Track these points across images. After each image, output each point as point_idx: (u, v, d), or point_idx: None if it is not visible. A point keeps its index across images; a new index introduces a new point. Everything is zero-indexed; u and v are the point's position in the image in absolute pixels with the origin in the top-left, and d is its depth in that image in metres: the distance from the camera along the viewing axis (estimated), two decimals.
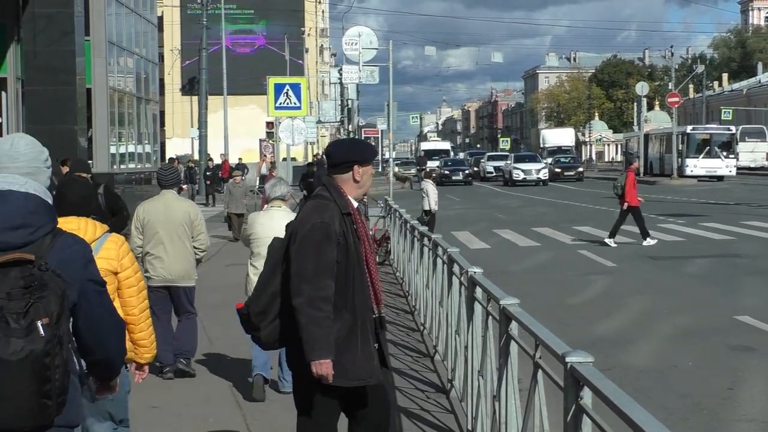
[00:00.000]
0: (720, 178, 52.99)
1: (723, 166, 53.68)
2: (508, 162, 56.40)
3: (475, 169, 64.37)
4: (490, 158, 68.60)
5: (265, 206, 8.49)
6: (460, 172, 57.71)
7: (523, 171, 53.14)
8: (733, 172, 54.10)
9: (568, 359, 3.60)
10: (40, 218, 3.25)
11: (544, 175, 53.43)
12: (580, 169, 61.00)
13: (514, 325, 5.14)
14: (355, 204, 4.82)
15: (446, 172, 56.89)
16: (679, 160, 53.81)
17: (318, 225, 4.64)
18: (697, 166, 53.63)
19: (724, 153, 54.10)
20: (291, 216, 6.96)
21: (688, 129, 57.02)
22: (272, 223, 7.72)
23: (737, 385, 8.62)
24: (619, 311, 12.48)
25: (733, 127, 57.83)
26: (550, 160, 62.13)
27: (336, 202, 4.72)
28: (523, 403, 4.79)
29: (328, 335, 4.56)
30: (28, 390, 3.03)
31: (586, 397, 3.49)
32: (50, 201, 3.36)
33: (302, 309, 4.56)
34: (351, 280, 4.68)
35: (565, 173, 58.65)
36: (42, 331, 3.03)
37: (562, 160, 62.17)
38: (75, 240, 3.38)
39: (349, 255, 4.68)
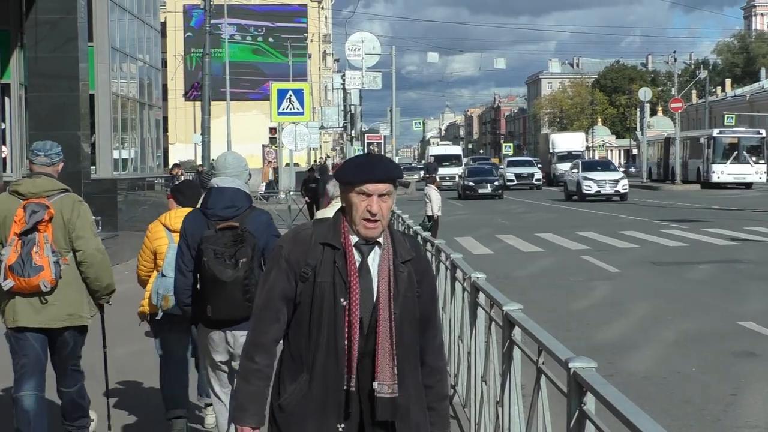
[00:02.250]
0: (749, 185, 49.75)
1: (752, 172, 49.88)
2: (575, 170, 43.68)
3: None
4: (511, 164, 62.57)
5: (329, 204, 8.87)
6: (488, 184, 46.57)
7: (596, 182, 41.24)
8: (764, 178, 50.06)
9: (571, 365, 3.59)
10: (241, 201, 5.52)
11: (623, 187, 41.11)
12: None
13: (517, 331, 5.13)
14: (353, 239, 3.56)
15: (470, 183, 46.74)
16: (705, 165, 50.98)
17: (276, 248, 3.68)
18: (725, 172, 49.90)
19: (754, 158, 50.30)
20: None
21: (715, 132, 53.17)
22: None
23: (740, 391, 8.60)
24: (622, 317, 12.46)
25: (763, 131, 53.48)
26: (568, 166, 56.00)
27: (318, 228, 3.64)
28: (526, 409, 4.78)
29: (256, 396, 3.57)
30: (237, 297, 5.33)
31: (590, 402, 3.48)
32: (247, 191, 5.63)
33: (240, 357, 3.70)
34: (315, 330, 3.52)
35: None
36: (241, 266, 5.33)
37: None
38: (262, 212, 5.66)
39: (314, 297, 3.53)
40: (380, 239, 3.59)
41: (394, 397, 3.52)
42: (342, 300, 3.51)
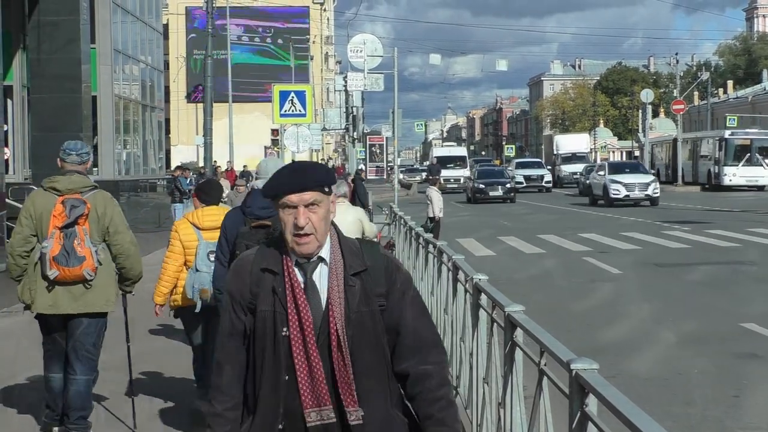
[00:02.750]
0: (761, 187, 47.78)
1: (765, 174, 48.31)
2: (601, 173, 40.96)
3: None
4: (519, 166, 60.23)
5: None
6: (500, 186, 44.47)
7: (624, 186, 38.12)
8: None
9: (573, 366, 3.59)
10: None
11: (654, 191, 38.02)
12: None
13: (519, 332, 5.13)
14: (294, 259, 3.22)
15: (481, 185, 44.75)
16: (716, 168, 49.53)
17: None
18: (737, 174, 48.26)
19: (767, 160, 48.59)
20: (353, 209, 9.09)
21: (726, 134, 51.12)
22: (338, 216, 8.10)
23: (742, 392, 8.60)
24: (624, 318, 12.46)
25: None
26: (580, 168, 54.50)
27: (259, 253, 3.29)
28: (528, 410, 4.78)
29: None
30: None
31: (592, 404, 3.48)
32: None
33: None
34: (259, 366, 3.20)
35: None
36: None
37: None
38: None
39: (257, 329, 3.20)
40: (324, 254, 3.21)
41: (359, 425, 3.16)
42: (283, 330, 3.14)
